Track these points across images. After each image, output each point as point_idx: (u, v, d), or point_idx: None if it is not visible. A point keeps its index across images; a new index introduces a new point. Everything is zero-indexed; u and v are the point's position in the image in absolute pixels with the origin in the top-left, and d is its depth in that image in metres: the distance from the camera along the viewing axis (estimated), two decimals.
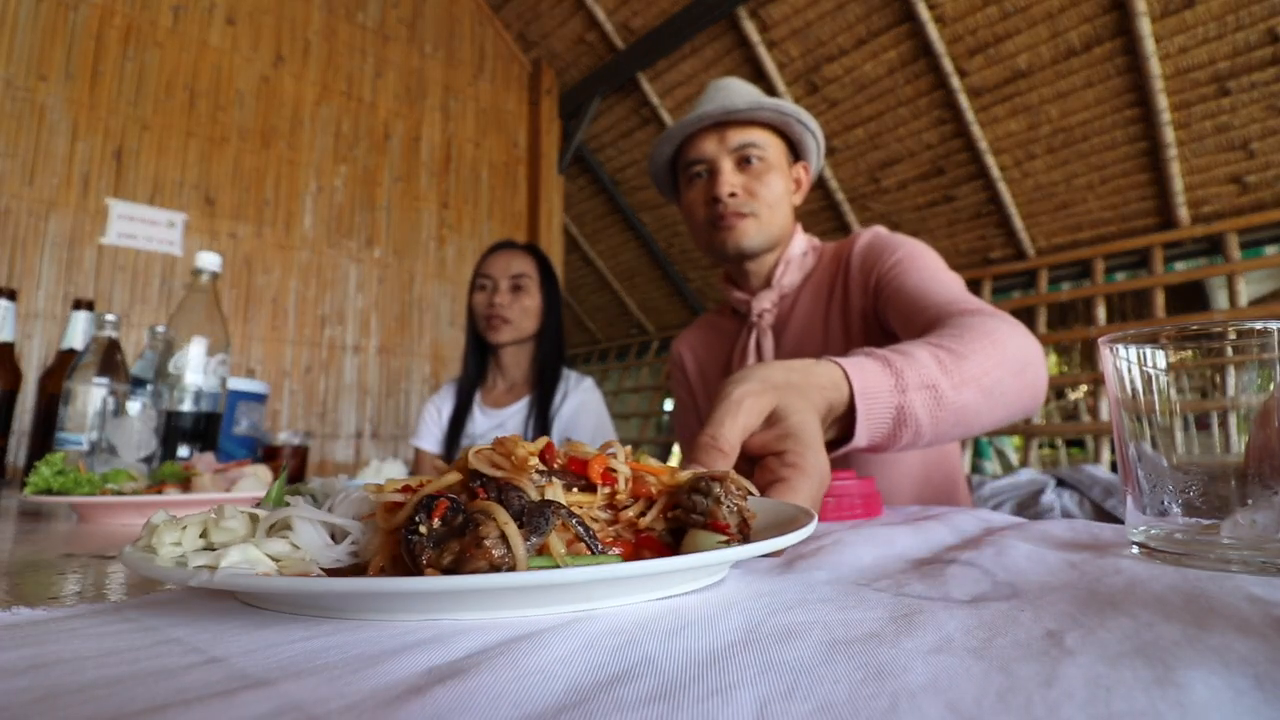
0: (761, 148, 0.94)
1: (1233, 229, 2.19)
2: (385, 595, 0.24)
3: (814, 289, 0.98)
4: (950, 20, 2.30)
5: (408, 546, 0.25)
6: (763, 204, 0.94)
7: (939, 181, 2.70)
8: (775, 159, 0.96)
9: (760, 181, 0.94)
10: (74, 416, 0.92)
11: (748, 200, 0.93)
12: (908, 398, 0.55)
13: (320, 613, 0.25)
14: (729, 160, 0.94)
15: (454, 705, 0.16)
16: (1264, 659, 0.18)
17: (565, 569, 0.23)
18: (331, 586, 0.23)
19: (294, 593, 0.25)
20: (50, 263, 2.08)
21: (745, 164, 0.94)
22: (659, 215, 3.68)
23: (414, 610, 0.24)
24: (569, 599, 0.25)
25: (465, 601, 0.24)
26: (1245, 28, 1.94)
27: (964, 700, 0.16)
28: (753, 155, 0.94)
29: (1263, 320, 0.33)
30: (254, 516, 0.30)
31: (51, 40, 2.14)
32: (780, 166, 0.96)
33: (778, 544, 0.28)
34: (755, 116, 0.94)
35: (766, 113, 0.93)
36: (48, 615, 0.25)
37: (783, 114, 0.93)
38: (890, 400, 0.55)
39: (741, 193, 0.93)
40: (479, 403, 1.51)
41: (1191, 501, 0.34)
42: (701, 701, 0.16)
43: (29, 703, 0.16)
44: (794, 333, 0.97)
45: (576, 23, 3.11)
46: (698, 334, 1.15)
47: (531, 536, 0.25)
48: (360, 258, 2.72)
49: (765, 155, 0.94)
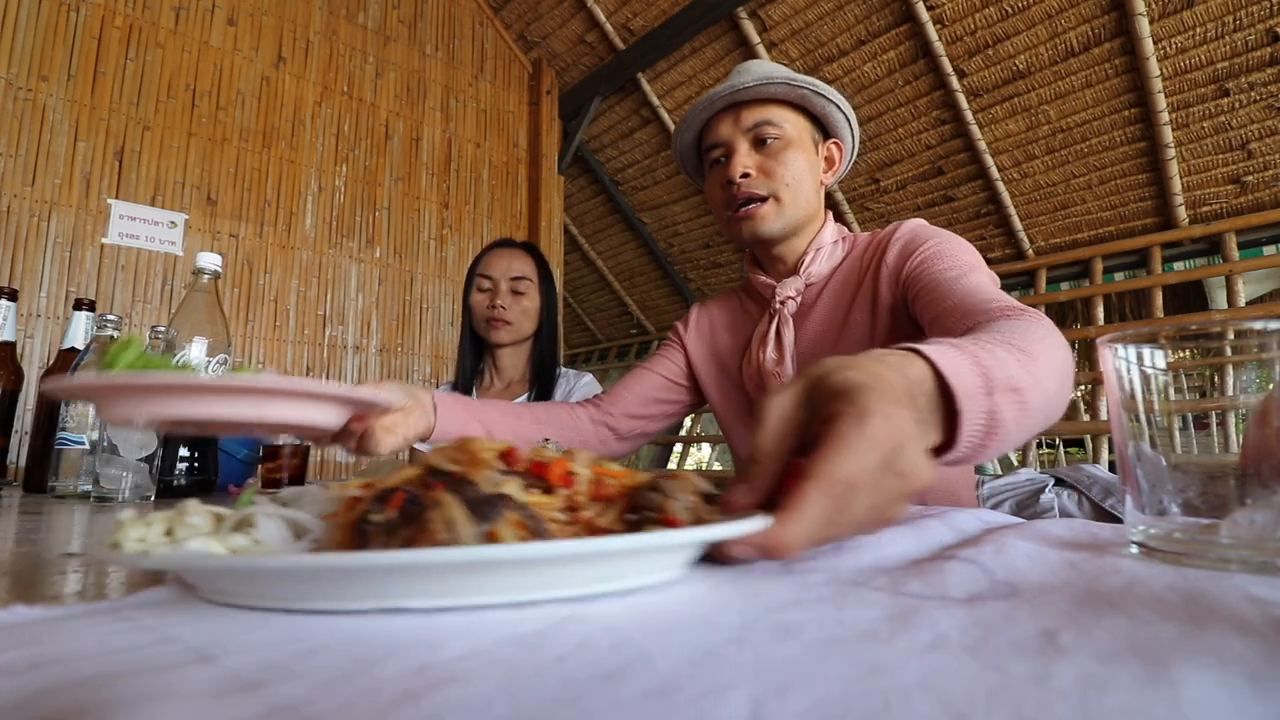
0: (777, 125, 0.89)
1: (1231, 229, 2.19)
2: (317, 571, 0.24)
3: (841, 279, 0.93)
4: (950, 21, 2.30)
5: (361, 535, 0.26)
6: (780, 184, 0.88)
7: (938, 182, 2.70)
8: (794, 135, 0.90)
9: (777, 160, 0.88)
10: (75, 416, 0.92)
11: (764, 181, 0.88)
12: (995, 400, 0.43)
13: (274, 602, 0.25)
14: (744, 141, 0.89)
15: (449, 705, 0.16)
16: (1260, 658, 0.18)
17: (500, 546, 0.23)
18: (265, 564, 0.23)
19: (227, 570, 0.25)
20: (51, 263, 2.09)
21: (761, 144, 0.89)
22: (659, 215, 3.69)
23: (357, 593, 0.24)
24: (515, 582, 0.25)
25: (406, 581, 0.24)
26: (1244, 28, 1.94)
27: (956, 698, 0.16)
28: (768, 134, 0.89)
29: (1261, 320, 0.33)
30: (219, 515, 0.31)
31: (53, 41, 2.15)
32: (802, 143, 0.91)
33: (712, 534, 0.28)
34: (765, 93, 0.89)
35: (777, 87, 0.88)
36: (46, 614, 0.25)
37: (795, 86, 0.88)
38: (982, 404, 0.42)
39: (756, 173, 0.88)
40: None
41: (1191, 501, 0.34)
42: (696, 700, 0.16)
43: (23, 701, 0.16)
44: (815, 323, 0.93)
45: (577, 23, 3.11)
46: (723, 308, 1.08)
47: (481, 524, 0.25)
48: (361, 258, 2.72)
49: (782, 132, 0.89)
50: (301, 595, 0.25)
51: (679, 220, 3.63)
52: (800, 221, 0.92)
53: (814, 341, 0.92)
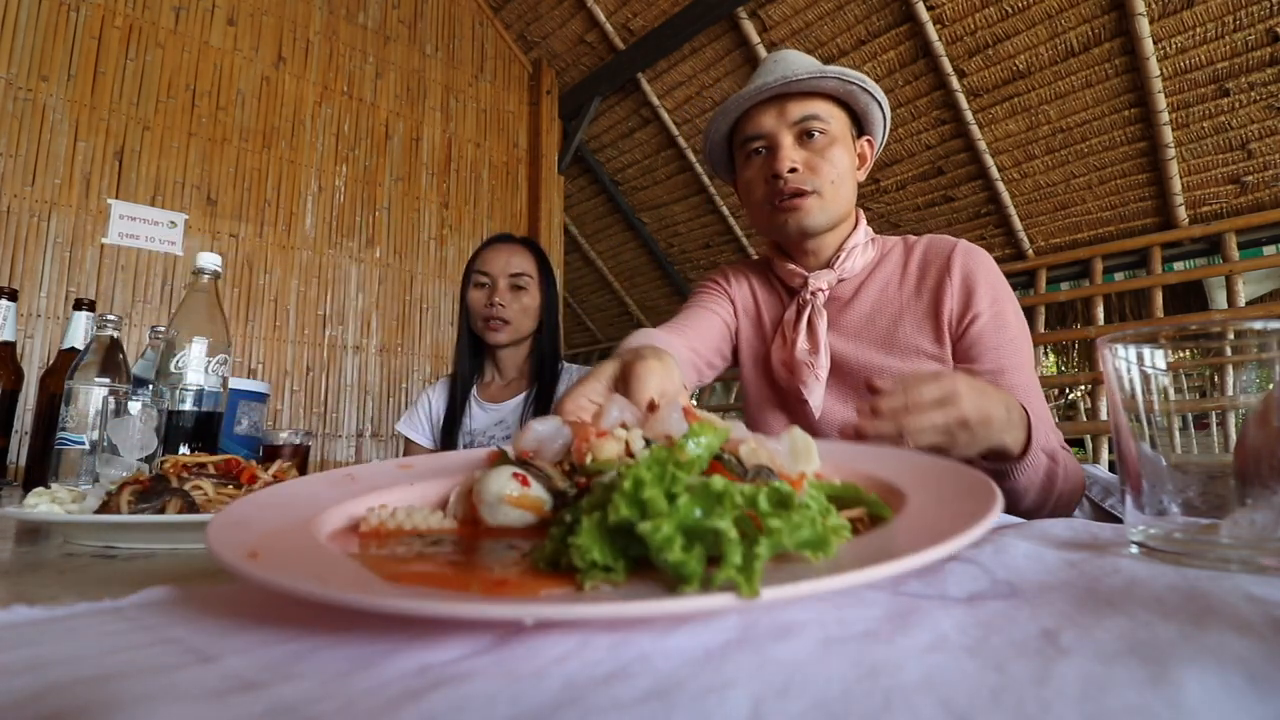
0: (824, 120, 0.88)
1: (1231, 229, 2.19)
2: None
3: (882, 284, 0.93)
4: (950, 21, 2.30)
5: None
6: (825, 180, 0.87)
7: (938, 182, 2.70)
8: (839, 132, 0.90)
9: (823, 157, 0.88)
10: (75, 416, 0.92)
11: (809, 177, 0.87)
12: (1044, 457, 0.71)
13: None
14: (789, 134, 0.88)
15: (450, 705, 0.16)
16: (1260, 658, 0.18)
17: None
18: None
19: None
20: (51, 263, 2.09)
21: (807, 138, 0.88)
22: (659, 215, 3.68)
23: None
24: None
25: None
26: (1244, 28, 1.94)
27: (957, 698, 0.16)
28: (815, 129, 0.87)
29: (1261, 320, 0.33)
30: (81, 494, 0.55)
31: (53, 41, 2.15)
32: (844, 140, 0.90)
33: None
34: (818, 86, 0.87)
35: (830, 81, 0.87)
36: (47, 614, 0.25)
37: (847, 82, 0.87)
38: (1042, 456, 0.71)
39: (803, 168, 0.87)
40: (476, 398, 1.49)
41: (1190, 501, 0.34)
42: (697, 699, 0.16)
43: (24, 701, 0.16)
44: (854, 321, 0.92)
45: (576, 23, 3.11)
46: (761, 282, 1.03)
47: (154, 499, 0.50)
48: (361, 258, 2.72)
49: (828, 128, 0.88)
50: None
51: (679, 220, 3.63)
52: (840, 218, 0.91)
53: (852, 338, 0.91)
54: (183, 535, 0.47)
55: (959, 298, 0.86)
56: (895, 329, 0.89)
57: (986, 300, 0.85)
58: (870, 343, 0.90)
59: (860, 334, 0.91)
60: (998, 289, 0.87)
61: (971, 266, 0.88)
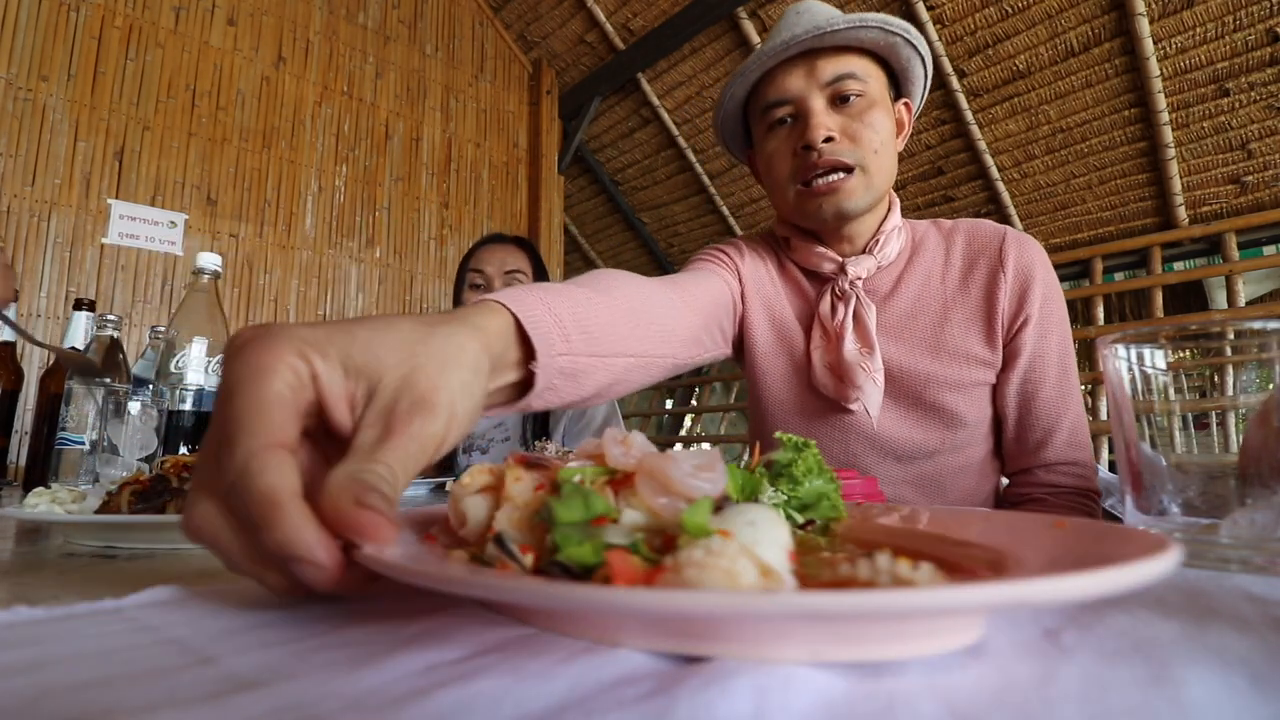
0: (862, 79, 0.73)
1: (1231, 229, 2.19)
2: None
3: (924, 274, 0.81)
4: (950, 21, 2.30)
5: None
6: (867, 151, 0.73)
7: (938, 182, 2.70)
8: (878, 94, 0.75)
9: (862, 122, 0.73)
10: (75, 416, 0.92)
11: (849, 147, 0.73)
12: None
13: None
14: (821, 97, 0.73)
15: (455, 705, 0.16)
16: (1261, 658, 0.18)
17: None
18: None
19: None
20: (51, 263, 2.08)
21: (842, 101, 0.73)
22: (659, 215, 3.68)
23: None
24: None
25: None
26: (1244, 28, 1.94)
27: (959, 699, 0.16)
28: (851, 90, 0.73)
29: (1261, 320, 0.33)
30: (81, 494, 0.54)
31: (53, 41, 2.15)
32: (884, 103, 0.75)
33: None
34: (856, 39, 0.72)
35: (871, 31, 0.71)
36: (47, 614, 0.25)
37: (890, 32, 0.72)
38: None
39: (840, 137, 0.72)
40: None
41: (1191, 501, 0.34)
42: (699, 692, 0.16)
43: (25, 702, 0.16)
44: (896, 314, 0.80)
45: (576, 23, 3.11)
46: (778, 267, 0.87)
47: (154, 499, 0.48)
48: (361, 258, 2.72)
49: (867, 89, 0.73)
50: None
51: (679, 220, 3.63)
52: (882, 196, 0.77)
53: (894, 338, 0.80)
54: (183, 535, 0.47)
55: (1013, 296, 0.76)
56: (941, 329, 0.78)
57: (1037, 302, 0.76)
58: (914, 344, 0.78)
59: (903, 334, 0.79)
60: (1049, 287, 0.78)
61: (1027, 261, 0.77)
